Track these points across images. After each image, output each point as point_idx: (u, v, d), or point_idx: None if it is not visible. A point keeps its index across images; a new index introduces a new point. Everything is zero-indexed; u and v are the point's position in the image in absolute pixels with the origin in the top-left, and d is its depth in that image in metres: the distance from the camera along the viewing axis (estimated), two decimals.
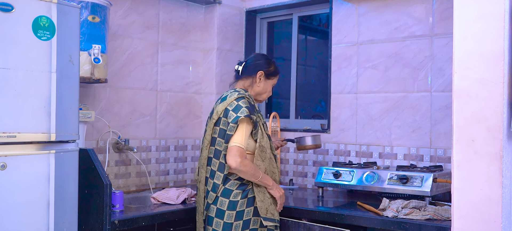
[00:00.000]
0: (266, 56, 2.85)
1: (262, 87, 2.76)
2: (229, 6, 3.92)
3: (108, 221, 2.46)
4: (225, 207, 2.58)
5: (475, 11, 2.04)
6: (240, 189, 2.59)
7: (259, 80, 2.74)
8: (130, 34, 3.41)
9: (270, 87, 2.80)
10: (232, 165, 2.51)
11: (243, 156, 2.52)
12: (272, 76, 2.78)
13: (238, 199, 2.58)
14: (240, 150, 2.52)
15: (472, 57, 2.02)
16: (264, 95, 2.79)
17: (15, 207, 2.09)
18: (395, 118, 3.29)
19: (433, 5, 3.17)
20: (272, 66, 2.78)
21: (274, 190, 2.66)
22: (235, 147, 2.51)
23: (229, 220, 2.56)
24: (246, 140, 2.56)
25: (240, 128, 2.55)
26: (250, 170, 2.54)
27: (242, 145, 2.53)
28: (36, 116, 2.15)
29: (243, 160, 2.51)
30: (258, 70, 2.74)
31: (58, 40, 2.20)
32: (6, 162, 2.06)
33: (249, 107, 2.58)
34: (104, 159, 3.20)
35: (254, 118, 2.58)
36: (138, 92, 3.47)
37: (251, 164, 2.56)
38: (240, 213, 2.58)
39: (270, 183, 2.65)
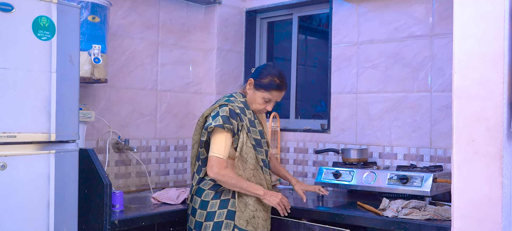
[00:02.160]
0: (270, 68, 2.68)
1: (250, 96, 2.67)
2: (229, 6, 3.92)
3: (108, 221, 2.46)
4: (197, 205, 2.59)
5: (475, 11, 2.04)
6: (212, 189, 2.57)
7: (248, 87, 2.67)
8: (130, 34, 3.41)
9: (260, 100, 2.63)
10: (210, 175, 2.49)
11: (221, 166, 2.47)
12: (262, 89, 2.62)
13: (208, 199, 2.56)
14: (218, 160, 2.47)
15: (472, 57, 2.02)
16: (253, 105, 2.66)
17: (15, 207, 2.09)
18: (395, 118, 3.29)
19: (433, 5, 3.17)
20: (267, 79, 2.61)
21: (268, 198, 2.57)
22: (212, 157, 2.48)
23: (200, 219, 2.57)
24: (227, 149, 2.51)
25: (219, 137, 2.50)
26: (230, 180, 2.48)
27: (221, 155, 2.48)
28: (36, 116, 2.15)
29: (221, 170, 2.46)
30: (251, 77, 2.68)
31: (58, 40, 2.20)
32: (6, 162, 2.06)
33: (225, 116, 2.50)
34: (104, 159, 3.20)
35: (228, 127, 2.50)
36: (138, 92, 3.47)
37: (231, 174, 2.49)
38: (211, 214, 2.54)
39: (260, 192, 2.55)
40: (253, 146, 2.62)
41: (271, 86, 2.62)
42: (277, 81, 2.62)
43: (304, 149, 3.70)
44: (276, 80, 2.62)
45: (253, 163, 2.61)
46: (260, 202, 2.59)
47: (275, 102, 2.70)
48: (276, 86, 2.62)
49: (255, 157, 2.62)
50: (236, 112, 2.57)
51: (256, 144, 2.63)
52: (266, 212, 2.63)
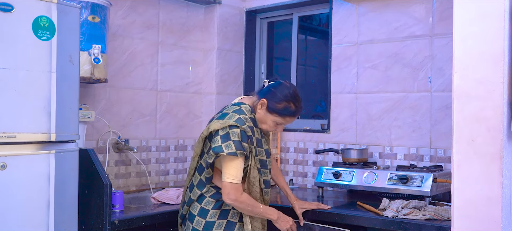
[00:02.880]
0: (286, 90, 2.49)
1: (261, 116, 2.50)
2: (229, 6, 3.92)
3: (108, 221, 2.46)
4: (196, 212, 2.49)
5: (475, 11, 2.04)
6: (213, 198, 2.47)
7: (260, 106, 2.48)
8: (130, 34, 3.41)
9: (272, 123, 2.49)
10: (226, 202, 2.39)
11: (238, 192, 2.36)
12: (276, 114, 2.46)
13: (209, 208, 2.46)
14: (235, 186, 2.36)
15: (472, 57, 2.02)
16: (263, 126, 2.52)
17: (15, 207, 2.09)
18: (395, 118, 3.29)
19: (433, 5, 3.17)
20: (282, 104, 2.44)
21: (280, 223, 2.52)
22: (228, 184, 2.35)
23: (197, 227, 2.46)
24: (241, 174, 2.38)
25: (232, 163, 2.36)
26: (247, 206, 2.40)
27: (237, 180, 2.36)
28: (36, 116, 2.15)
29: (239, 197, 2.36)
30: (264, 97, 2.48)
31: (58, 40, 2.20)
32: (6, 162, 2.06)
33: (237, 141, 2.35)
34: (104, 159, 3.20)
35: (241, 152, 2.35)
36: (138, 92, 3.47)
37: (247, 199, 2.40)
38: (209, 223, 2.46)
39: (274, 216, 2.50)
40: (258, 169, 2.51)
41: (286, 113, 2.47)
42: (293, 108, 2.47)
43: (304, 149, 3.70)
44: (291, 106, 2.47)
45: (257, 185, 2.53)
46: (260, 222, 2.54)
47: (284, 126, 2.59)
48: (291, 113, 2.48)
49: (259, 179, 2.53)
50: (248, 135, 2.40)
51: (261, 166, 2.52)
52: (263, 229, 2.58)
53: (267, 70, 4.14)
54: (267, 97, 2.47)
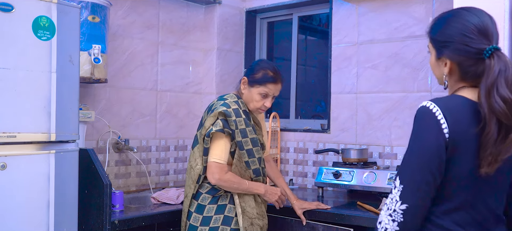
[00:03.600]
0: (262, 62, 2.62)
1: (246, 95, 2.57)
2: (229, 6, 3.92)
3: (108, 221, 2.46)
4: (193, 208, 2.52)
5: None
6: (209, 194, 2.50)
7: (243, 86, 2.58)
8: (130, 34, 3.42)
9: (257, 96, 2.54)
10: (212, 182, 2.44)
11: (222, 171, 2.42)
12: (257, 84, 2.53)
13: (205, 204, 2.49)
14: (219, 166, 2.42)
15: None
16: (251, 104, 2.56)
17: (15, 207, 2.09)
18: (395, 118, 3.29)
19: (433, 5, 3.17)
20: (259, 73, 2.54)
21: (268, 196, 2.57)
22: (212, 163, 2.43)
23: (195, 223, 2.49)
24: (226, 154, 2.45)
25: (218, 142, 2.44)
26: (232, 183, 2.45)
27: (220, 160, 2.43)
28: (36, 116, 2.15)
29: (222, 175, 2.42)
30: (244, 76, 2.59)
31: (58, 40, 2.20)
32: (6, 162, 2.06)
33: (223, 120, 2.44)
34: (104, 159, 3.20)
35: (228, 131, 2.44)
36: (138, 92, 3.47)
37: (232, 178, 2.46)
38: (207, 218, 2.48)
39: (261, 190, 2.54)
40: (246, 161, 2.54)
41: (266, 79, 2.53)
42: (271, 73, 2.54)
43: (304, 149, 3.70)
44: (269, 72, 2.54)
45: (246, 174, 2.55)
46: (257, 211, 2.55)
47: (274, 99, 2.61)
48: (270, 78, 2.54)
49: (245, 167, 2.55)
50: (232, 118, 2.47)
51: (248, 156, 2.53)
52: (262, 220, 2.59)
53: None
54: (246, 75, 2.58)
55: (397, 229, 1.42)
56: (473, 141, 1.42)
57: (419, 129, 1.46)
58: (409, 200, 1.41)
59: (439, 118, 1.41)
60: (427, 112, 1.44)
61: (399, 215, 1.42)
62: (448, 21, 1.50)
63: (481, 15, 1.48)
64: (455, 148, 1.42)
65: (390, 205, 1.45)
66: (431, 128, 1.42)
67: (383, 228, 1.44)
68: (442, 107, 1.43)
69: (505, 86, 1.39)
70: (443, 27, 1.51)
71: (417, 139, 1.45)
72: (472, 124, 1.42)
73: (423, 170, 1.42)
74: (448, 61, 1.50)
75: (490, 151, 1.39)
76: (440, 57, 1.53)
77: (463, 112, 1.44)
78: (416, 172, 1.42)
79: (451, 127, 1.41)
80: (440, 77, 1.58)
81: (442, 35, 1.51)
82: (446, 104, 1.44)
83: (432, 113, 1.43)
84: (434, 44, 1.55)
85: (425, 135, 1.43)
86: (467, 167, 1.43)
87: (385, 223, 1.44)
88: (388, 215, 1.44)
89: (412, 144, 1.46)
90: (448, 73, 1.53)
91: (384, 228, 1.44)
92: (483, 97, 1.40)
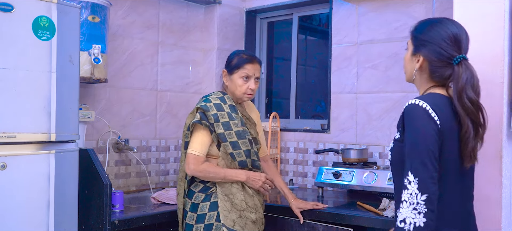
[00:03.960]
0: (235, 52, 2.70)
1: (230, 85, 2.63)
2: (229, 6, 3.92)
3: (108, 221, 2.46)
4: (188, 208, 2.56)
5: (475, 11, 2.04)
6: (202, 192, 2.54)
7: (225, 79, 2.66)
8: (130, 34, 3.42)
9: (239, 80, 2.59)
10: (188, 173, 2.52)
11: (197, 162, 2.49)
12: (235, 70, 2.60)
13: (198, 202, 2.53)
14: (194, 157, 2.49)
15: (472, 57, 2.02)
16: (237, 92, 2.61)
17: (15, 207, 2.09)
18: (395, 118, 3.29)
19: (433, 5, 3.17)
20: (234, 59, 2.62)
21: (251, 183, 2.55)
22: (189, 154, 2.51)
23: (190, 222, 2.53)
24: (204, 146, 2.51)
25: (196, 135, 2.53)
26: (208, 173, 2.49)
27: (197, 152, 2.50)
28: (36, 116, 2.15)
29: (197, 166, 2.48)
30: (223, 69, 2.68)
31: (58, 40, 2.20)
32: (6, 162, 2.06)
33: (201, 113, 2.52)
34: (104, 159, 3.20)
35: (205, 123, 2.50)
36: (138, 92, 3.47)
37: (207, 167, 2.50)
38: (201, 216, 2.51)
39: (243, 177, 2.53)
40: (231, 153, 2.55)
41: (241, 61, 2.60)
42: (245, 55, 2.63)
43: (304, 149, 3.70)
44: (243, 55, 2.63)
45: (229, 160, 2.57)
46: (248, 203, 2.55)
47: (258, 82, 2.64)
48: (245, 60, 2.60)
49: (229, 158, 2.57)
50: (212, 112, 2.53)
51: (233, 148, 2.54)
52: (255, 213, 2.58)
53: (267, 70, 4.14)
54: (225, 67, 2.67)
55: (425, 220, 1.53)
56: (455, 133, 1.64)
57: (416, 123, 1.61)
58: (428, 189, 1.54)
59: (430, 112, 1.60)
60: (419, 109, 1.61)
61: (422, 206, 1.53)
62: (433, 25, 1.72)
63: (460, 28, 1.71)
64: (444, 138, 1.62)
65: (411, 200, 1.55)
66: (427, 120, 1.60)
67: (411, 224, 1.54)
68: (430, 103, 1.62)
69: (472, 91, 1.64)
70: (426, 28, 1.73)
71: (418, 132, 1.59)
72: (453, 118, 1.65)
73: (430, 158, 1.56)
74: (422, 58, 1.73)
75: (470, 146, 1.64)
76: (415, 54, 1.75)
77: (445, 108, 1.65)
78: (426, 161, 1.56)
79: (440, 119, 1.61)
80: (410, 72, 1.79)
81: (424, 35, 1.72)
82: (432, 100, 1.63)
83: (423, 109, 1.61)
84: (414, 41, 1.77)
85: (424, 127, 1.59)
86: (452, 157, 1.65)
87: (411, 219, 1.54)
88: (412, 209, 1.54)
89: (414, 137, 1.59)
90: (419, 69, 1.75)
91: (413, 224, 1.53)
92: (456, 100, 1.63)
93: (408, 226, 1.55)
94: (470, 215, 1.76)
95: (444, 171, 1.63)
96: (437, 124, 1.60)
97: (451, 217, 1.66)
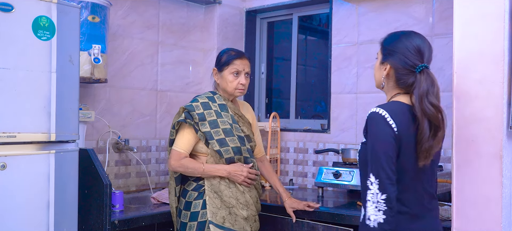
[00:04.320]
0: (223, 50, 2.74)
1: (221, 82, 2.67)
2: (229, 6, 3.92)
3: (108, 221, 2.46)
4: (182, 206, 2.60)
5: (475, 11, 2.04)
6: (195, 190, 2.57)
7: (216, 77, 2.70)
8: (130, 34, 3.41)
9: (230, 77, 2.63)
10: (169, 168, 2.60)
11: (178, 158, 2.54)
12: (225, 66, 2.64)
13: (191, 200, 2.56)
14: (175, 153, 2.55)
15: (472, 57, 2.02)
16: (228, 88, 2.63)
17: (15, 207, 2.09)
18: None
19: (433, 5, 3.17)
20: (223, 57, 2.66)
21: (233, 177, 2.54)
22: (171, 150, 2.58)
23: (184, 220, 2.56)
24: (187, 143, 2.56)
25: (180, 132, 2.58)
26: (187, 168, 2.54)
27: (178, 148, 2.55)
28: (36, 116, 2.15)
29: (177, 161, 2.54)
30: (213, 68, 2.72)
31: (58, 40, 2.20)
32: (6, 162, 2.06)
33: (186, 112, 2.56)
34: (104, 159, 3.20)
35: (189, 122, 2.54)
36: (138, 92, 3.47)
37: (187, 162, 2.54)
38: (194, 214, 2.54)
39: (223, 173, 2.53)
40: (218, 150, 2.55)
41: (230, 58, 2.65)
42: (233, 52, 2.67)
43: (304, 149, 3.70)
44: (231, 52, 2.67)
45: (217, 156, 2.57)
46: (237, 200, 2.55)
47: (248, 77, 2.67)
48: (234, 56, 2.65)
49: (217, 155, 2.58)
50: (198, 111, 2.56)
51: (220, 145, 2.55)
52: (247, 210, 2.57)
53: (267, 70, 4.14)
54: (215, 65, 2.71)
55: (384, 217, 1.72)
56: (412, 137, 1.80)
57: (376, 130, 1.79)
58: (386, 189, 1.73)
59: (388, 120, 1.78)
60: (378, 117, 1.80)
61: (382, 204, 1.73)
62: (400, 37, 1.93)
63: (424, 41, 1.92)
64: (401, 143, 1.78)
65: (373, 199, 1.74)
66: (385, 128, 1.78)
67: (375, 222, 1.73)
68: (389, 111, 1.79)
69: (433, 96, 1.81)
70: (395, 40, 1.93)
71: (377, 138, 1.78)
72: (411, 123, 1.81)
73: (388, 162, 1.75)
74: (389, 66, 1.91)
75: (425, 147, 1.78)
76: (383, 62, 1.94)
77: (403, 114, 1.82)
78: (384, 164, 1.75)
79: (398, 126, 1.78)
80: (379, 79, 1.98)
81: (392, 46, 1.92)
82: (391, 108, 1.82)
83: (382, 117, 1.79)
84: (382, 51, 1.96)
85: (382, 134, 1.77)
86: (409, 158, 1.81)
87: (375, 216, 1.74)
88: (374, 208, 1.74)
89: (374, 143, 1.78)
90: (386, 77, 1.93)
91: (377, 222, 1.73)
92: (417, 103, 1.80)
93: (373, 222, 1.73)
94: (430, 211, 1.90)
95: (403, 171, 1.80)
96: (394, 130, 1.77)
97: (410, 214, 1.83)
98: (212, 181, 2.55)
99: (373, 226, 1.73)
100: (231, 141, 2.57)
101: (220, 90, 2.71)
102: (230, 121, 2.61)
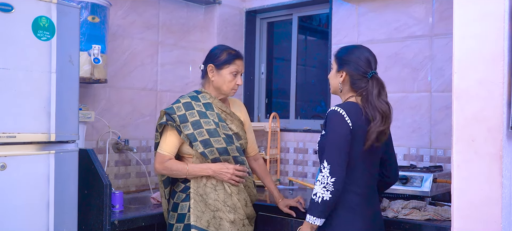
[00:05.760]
0: (219, 47, 2.68)
1: (216, 79, 2.60)
2: (229, 6, 3.92)
3: (108, 221, 2.46)
4: (170, 207, 2.60)
5: (475, 11, 2.04)
6: (183, 192, 2.57)
7: (211, 74, 2.61)
8: (130, 34, 3.41)
9: (229, 76, 2.58)
10: (155, 171, 2.63)
11: (162, 160, 2.53)
12: (226, 65, 2.58)
13: (179, 202, 2.56)
14: (159, 156, 2.55)
15: (472, 57, 2.02)
16: (225, 87, 2.60)
17: (15, 207, 2.09)
18: (395, 118, 3.27)
19: (433, 5, 3.17)
20: (223, 54, 2.60)
21: (220, 176, 2.50)
22: (157, 153, 2.58)
23: (171, 221, 2.57)
24: (170, 146, 2.54)
25: (163, 135, 2.58)
26: (171, 171, 2.53)
27: (162, 151, 2.55)
28: (36, 116, 2.15)
29: (161, 164, 2.53)
30: (208, 63, 2.62)
31: (58, 40, 2.20)
32: (6, 162, 2.06)
33: (167, 115, 2.53)
34: (104, 159, 3.20)
35: (171, 123, 2.52)
36: (138, 92, 3.47)
37: (171, 165, 2.52)
38: (181, 215, 2.53)
39: (208, 171, 2.50)
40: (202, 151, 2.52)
41: (232, 57, 2.61)
42: (233, 51, 2.64)
43: (304, 149, 3.70)
44: (231, 51, 2.63)
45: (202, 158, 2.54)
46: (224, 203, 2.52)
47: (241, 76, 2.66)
48: (235, 55, 2.62)
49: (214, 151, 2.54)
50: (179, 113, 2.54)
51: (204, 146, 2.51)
52: (234, 213, 2.53)
53: (267, 71, 4.14)
54: (210, 61, 2.63)
55: (330, 196, 2.11)
56: (363, 131, 2.18)
57: (334, 125, 2.17)
58: (336, 174, 2.11)
59: (345, 117, 2.16)
60: (337, 114, 2.17)
61: (330, 185, 2.11)
62: (352, 50, 2.32)
63: (371, 53, 2.32)
64: (354, 136, 2.16)
65: (322, 180, 2.12)
66: (341, 123, 2.15)
67: (320, 197, 2.12)
68: (346, 110, 2.17)
69: (384, 95, 2.24)
70: (347, 52, 2.32)
71: (334, 132, 2.16)
72: (362, 120, 2.19)
73: (341, 151, 2.13)
74: (344, 73, 2.29)
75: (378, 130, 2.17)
76: (339, 70, 2.31)
77: (357, 113, 2.20)
78: (337, 153, 2.13)
79: (353, 122, 2.16)
80: (336, 85, 2.34)
81: (346, 56, 2.30)
82: (347, 107, 2.19)
83: (340, 114, 2.16)
84: (337, 61, 2.33)
85: (338, 128, 2.15)
86: (360, 148, 2.19)
87: (321, 193, 2.12)
88: (322, 187, 2.12)
89: (331, 135, 2.16)
90: (342, 83, 2.30)
91: (321, 197, 2.12)
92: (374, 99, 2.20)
93: (317, 198, 2.12)
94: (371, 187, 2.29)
95: (354, 157, 2.18)
96: (349, 126, 2.15)
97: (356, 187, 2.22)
98: (198, 183, 2.52)
99: (317, 201, 2.12)
100: (216, 142, 2.53)
101: (210, 88, 2.65)
102: (215, 119, 2.57)
